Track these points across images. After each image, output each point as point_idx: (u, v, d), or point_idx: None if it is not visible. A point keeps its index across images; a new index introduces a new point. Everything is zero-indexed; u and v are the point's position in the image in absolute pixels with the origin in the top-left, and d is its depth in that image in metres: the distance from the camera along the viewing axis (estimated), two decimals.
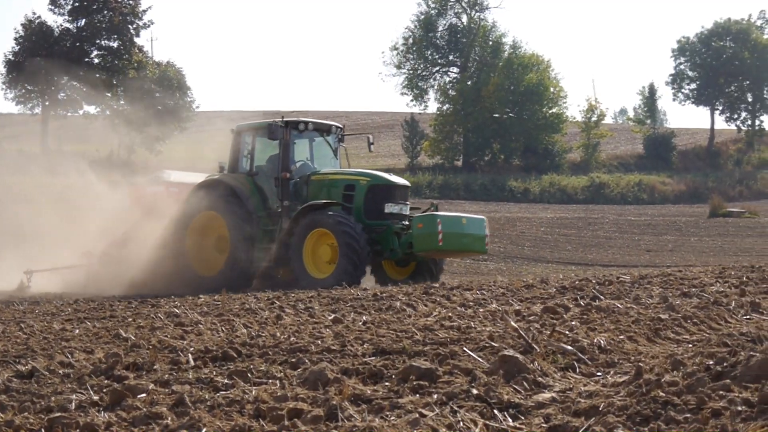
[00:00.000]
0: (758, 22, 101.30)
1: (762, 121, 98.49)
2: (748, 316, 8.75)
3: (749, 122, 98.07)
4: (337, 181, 22.70)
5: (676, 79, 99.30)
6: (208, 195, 23.18)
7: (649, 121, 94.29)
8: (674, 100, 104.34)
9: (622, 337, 7.35)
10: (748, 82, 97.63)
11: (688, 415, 4.70)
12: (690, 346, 7.20)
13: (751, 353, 5.79)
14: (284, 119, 23.11)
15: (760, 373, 5.30)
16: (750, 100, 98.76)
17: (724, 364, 5.63)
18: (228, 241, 22.97)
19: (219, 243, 23.26)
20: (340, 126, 24.67)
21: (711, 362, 5.76)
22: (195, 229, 23.17)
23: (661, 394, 5.05)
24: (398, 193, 22.69)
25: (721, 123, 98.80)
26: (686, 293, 10.72)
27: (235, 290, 19.42)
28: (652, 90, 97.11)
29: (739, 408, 4.72)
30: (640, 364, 5.93)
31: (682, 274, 13.92)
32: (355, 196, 22.19)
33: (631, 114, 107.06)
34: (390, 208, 22.23)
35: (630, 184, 72.58)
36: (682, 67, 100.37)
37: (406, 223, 22.23)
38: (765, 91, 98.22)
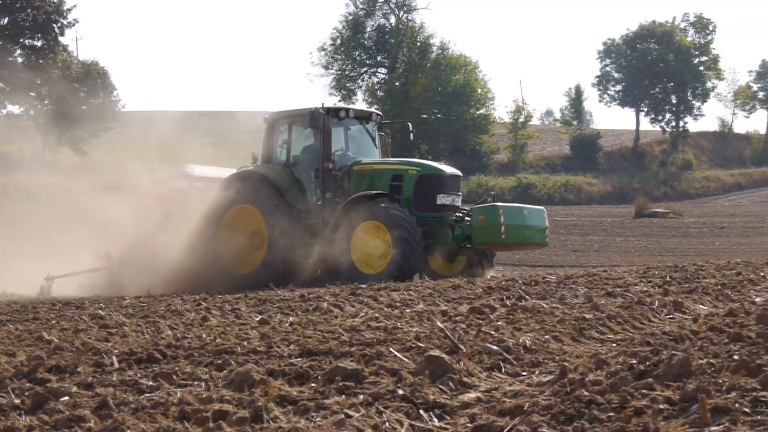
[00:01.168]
0: (682, 25, 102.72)
1: (686, 123, 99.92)
2: (671, 316, 8.86)
3: (673, 124, 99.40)
4: (382, 171, 21.66)
5: (602, 81, 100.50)
6: (242, 187, 21.95)
7: (575, 123, 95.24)
8: (600, 101, 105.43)
9: (547, 336, 7.40)
10: (672, 84, 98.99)
11: (612, 414, 4.74)
12: (614, 345, 7.28)
13: (673, 352, 5.86)
14: (324, 106, 21.86)
15: (682, 371, 5.37)
16: (674, 101, 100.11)
17: (647, 363, 5.70)
18: (265, 237, 21.64)
19: (254, 238, 21.89)
20: (380, 113, 23.65)
21: (634, 361, 5.82)
22: (227, 224, 21.83)
23: (585, 393, 5.09)
24: (450, 183, 21.61)
25: (646, 124, 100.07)
26: (611, 293, 10.83)
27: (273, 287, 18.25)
28: (578, 91, 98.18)
29: (661, 406, 4.77)
30: (564, 363, 5.98)
31: (607, 274, 14.06)
32: (404, 186, 21.11)
33: (557, 115, 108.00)
34: (442, 199, 21.17)
35: (557, 185, 73.26)
36: (607, 68, 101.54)
37: (460, 214, 21.24)
38: (689, 93, 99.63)
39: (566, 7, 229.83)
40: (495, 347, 6.66)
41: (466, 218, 21.10)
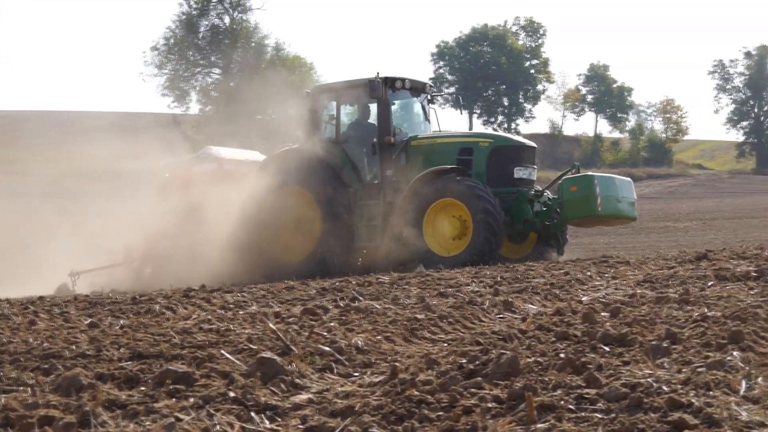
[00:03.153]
0: (513, 28, 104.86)
1: (518, 125, 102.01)
2: (501, 315, 9.01)
3: (506, 125, 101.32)
4: (448, 144, 20.01)
5: (436, 83, 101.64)
6: (289, 168, 20.07)
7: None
8: (434, 103, 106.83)
9: (379, 337, 7.44)
10: (504, 87, 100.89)
11: (441, 413, 4.79)
12: (445, 345, 7.36)
13: (502, 351, 5.97)
14: (380, 75, 19.98)
15: (510, 370, 5.47)
16: (506, 104, 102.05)
17: (477, 362, 5.78)
18: (317, 221, 19.93)
19: (301, 223, 20.07)
20: (433, 85, 21.93)
21: (464, 361, 5.90)
22: (272, 208, 19.84)
23: (416, 392, 5.13)
24: (526, 155, 20.05)
25: (479, 126, 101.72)
26: (443, 293, 10.94)
27: (326, 276, 17.30)
28: None
29: (490, 405, 4.85)
30: (396, 364, 6.02)
31: (439, 275, 14.20)
32: (474, 160, 19.48)
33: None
34: (519, 172, 19.62)
35: None
36: (441, 71, 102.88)
37: (539, 188, 19.97)
38: (520, 95, 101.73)
39: (400, 9, 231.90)
40: (327, 348, 6.67)
41: (545, 192, 19.91)
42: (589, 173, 19.85)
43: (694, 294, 8.93)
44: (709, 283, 10.21)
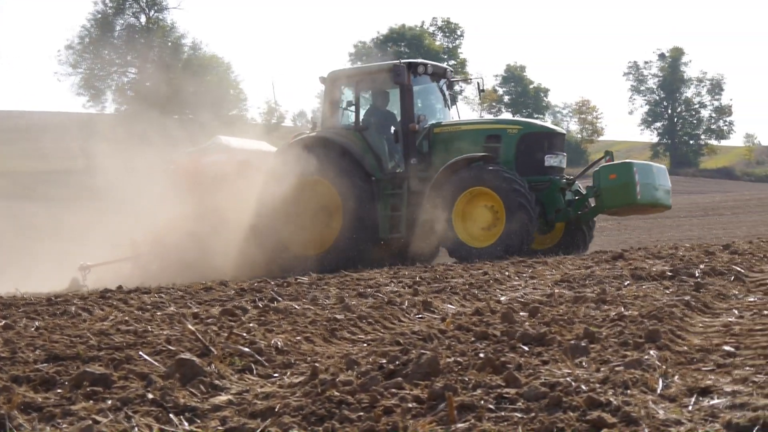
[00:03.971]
0: (431, 29, 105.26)
1: None
2: (420, 315, 9.03)
3: None
4: (473, 131, 19.33)
5: None
6: (308, 156, 19.21)
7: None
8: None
9: (299, 338, 7.41)
10: None
11: (362, 414, 4.78)
12: (365, 345, 7.36)
13: (422, 351, 5.98)
14: (402, 60, 19.28)
15: (430, 370, 5.48)
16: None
17: (397, 362, 5.79)
18: (338, 212, 19.16)
19: (320, 214, 19.36)
20: (452, 69, 20.99)
21: (384, 361, 5.91)
22: (289, 199, 19.03)
23: (336, 393, 5.12)
24: (557, 142, 19.39)
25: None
26: (362, 293, 10.94)
27: (339, 269, 16.63)
28: None
29: (410, 405, 4.85)
30: (316, 364, 6.00)
31: (359, 275, 14.21)
32: (503, 148, 18.84)
33: (309, 116, 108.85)
34: (550, 160, 18.96)
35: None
36: None
37: (570, 177, 19.34)
38: None
39: (317, 9, 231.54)
40: (246, 349, 6.63)
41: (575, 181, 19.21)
42: (628, 160, 19.31)
43: (611, 293, 9.03)
44: (626, 283, 10.33)
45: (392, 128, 20.00)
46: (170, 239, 19.90)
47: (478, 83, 21.72)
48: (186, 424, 4.97)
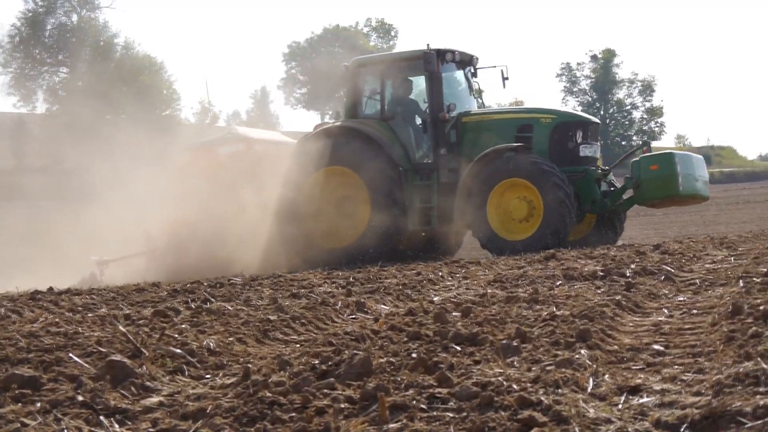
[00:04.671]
0: (365, 30, 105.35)
1: None
2: (353, 316, 9.03)
3: None
4: (504, 121, 18.93)
5: (288, 83, 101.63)
6: (333, 146, 18.81)
7: (261, 125, 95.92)
8: (286, 104, 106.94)
9: (231, 339, 7.38)
10: None
11: (294, 414, 4.77)
12: (297, 346, 7.35)
13: (355, 352, 5.98)
14: (430, 47, 18.63)
15: (363, 370, 5.48)
16: None
17: (329, 363, 5.78)
18: (366, 203, 18.62)
19: (345, 206, 18.81)
20: (477, 57, 20.26)
21: (317, 361, 5.90)
22: (313, 190, 18.64)
23: (268, 394, 5.11)
24: (591, 131, 18.91)
25: None
26: (295, 294, 10.92)
27: (366, 262, 16.36)
28: (264, 94, 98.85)
29: (342, 405, 4.85)
30: (248, 365, 5.98)
31: (292, 276, 14.17)
32: (535, 137, 18.44)
33: (244, 117, 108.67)
34: (586, 150, 18.58)
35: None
36: (293, 71, 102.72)
37: (606, 167, 18.88)
38: None
39: (251, 9, 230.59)
40: (178, 350, 6.59)
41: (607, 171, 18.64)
42: (669, 151, 18.74)
43: (543, 293, 9.09)
44: (558, 283, 10.41)
45: (416, 117, 19.60)
46: (186, 232, 19.35)
47: (501, 71, 20.87)
48: (116, 426, 4.93)
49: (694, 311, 7.84)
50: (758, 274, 9.07)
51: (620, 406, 4.61)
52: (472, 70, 20.38)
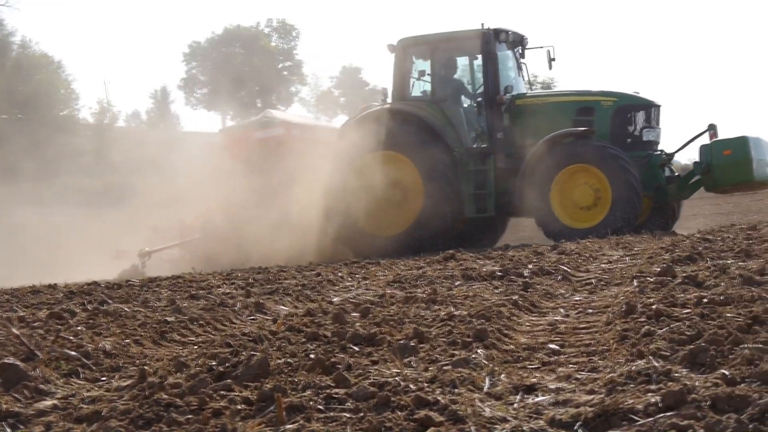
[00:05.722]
0: (266, 30, 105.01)
1: None
2: (252, 317, 9.01)
3: None
4: (562, 104, 18.36)
5: (188, 84, 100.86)
6: (382, 130, 17.96)
7: (162, 125, 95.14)
8: (187, 104, 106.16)
9: (128, 341, 7.31)
10: (257, 88, 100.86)
11: (190, 416, 4.74)
12: (195, 347, 7.30)
13: (252, 353, 5.95)
14: (485, 27, 17.85)
15: (260, 371, 5.46)
16: (259, 105, 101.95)
17: (227, 364, 5.75)
18: (419, 189, 17.84)
19: (395, 192, 18.06)
20: (527, 37, 19.46)
21: (214, 363, 5.86)
22: (362, 176, 17.71)
23: (165, 396, 5.06)
24: (654, 114, 18.34)
25: None
26: (194, 295, 10.84)
27: (420, 250, 15.78)
28: (164, 93, 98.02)
29: (239, 407, 4.83)
30: (144, 367, 5.93)
31: (191, 277, 14.07)
32: (596, 121, 17.85)
33: (144, 117, 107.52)
34: (649, 134, 18.04)
35: (145, 187, 72.69)
36: (193, 71, 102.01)
37: (668, 152, 18.09)
38: (274, 97, 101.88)
39: (151, 7, 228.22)
40: (73, 353, 6.50)
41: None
42: (742, 135, 17.74)
43: (442, 293, 9.14)
44: (456, 283, 10.47)
45: (466, 100, 19.01)
46: (223, 220, 18.75)
47: (548, 51, 19.97)
48: (9, 430, 4.85)
49: (590, 311, 7.96)
50: (652, 274, 9.23)
51: (516, 405, 4.66)
52: (521, 51, 19.73)
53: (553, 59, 19.61)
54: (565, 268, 11.22)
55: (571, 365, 5.66)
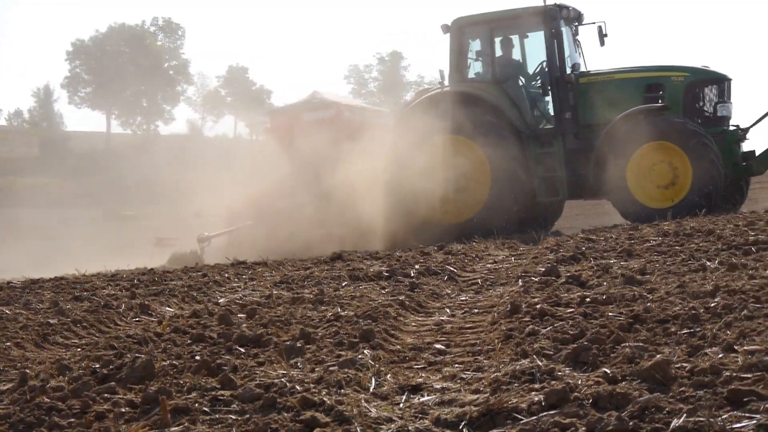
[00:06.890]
0: (152, 29, 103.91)
1: (157, 126, 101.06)
2: (137, 319, 8.91)
3: (145, 127, 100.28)
4: (630, 80, 17.43)
5: (72, 82, 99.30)
6: (443, 113, 17.22)
7: (45, 124, 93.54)
8: (70, 103, 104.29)
9: (9, 343, 7.18)
10: (143, 87, 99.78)
11: (73, 420, 4.67)
12: (78, 350, 7.19)
13: (137, 355, 5.89)
14: (548, 3, 16.99)
15: (145, 374, 5.41)
16: (145, 104, 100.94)
17: (111, 366, 5.68)
18: (486, 174, 17.13)
19: (458, 178, 17.23)
20: (584, 13, 18.46)
21: (97, 365, 5.79)
22: (423, 161, 16.84)
23: (47, 399, 4.99)
24: (726, 88, 17.42)
25: (117, 127, 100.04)
26: (78, 297, 10.68)
27: (488, 237, 15.22)
28: (47, 92, 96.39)
29: (123, 409, 4.78)
30: (26, 370, 5.82)
31: (75, 278, 13.86)
32: (667, 97, 17.02)
33: (26, 116, 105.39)
34: (722, 109, 17.17)
35: (26, 187, 71.47)
36: (77, 70, 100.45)
37: (743, 127, 17.14)
38: (159, 97, 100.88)
39: (33, 4, 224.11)
40: None
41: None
42: None
43: (329, 294, 9.14)
44: (344, 283, 10.48)
45: (524, 79, 18.40)
46: (272, 205, 18.20)
47: (600, 27, 18.89)
48: None
49: (475, 310, 8.03)
50: (536, 274, 9.34)
51: (401, 405, 4.68)
52: (575, 27, 18.91)
53: (606, 35, 18.90)
54: (452, 269, 11.29)
55: (456, 365, 5.70)
